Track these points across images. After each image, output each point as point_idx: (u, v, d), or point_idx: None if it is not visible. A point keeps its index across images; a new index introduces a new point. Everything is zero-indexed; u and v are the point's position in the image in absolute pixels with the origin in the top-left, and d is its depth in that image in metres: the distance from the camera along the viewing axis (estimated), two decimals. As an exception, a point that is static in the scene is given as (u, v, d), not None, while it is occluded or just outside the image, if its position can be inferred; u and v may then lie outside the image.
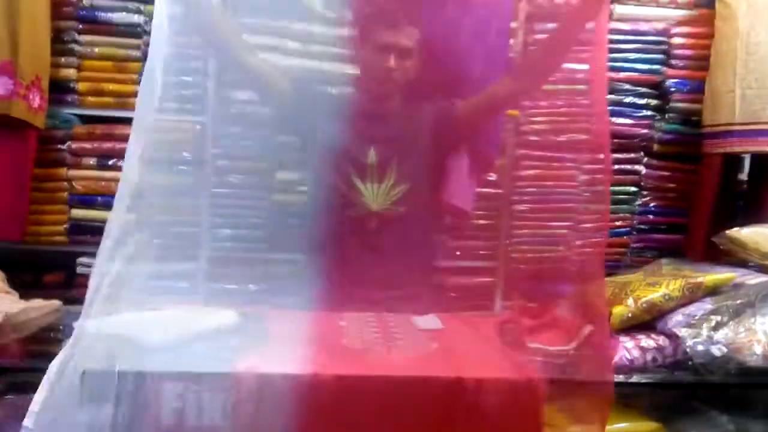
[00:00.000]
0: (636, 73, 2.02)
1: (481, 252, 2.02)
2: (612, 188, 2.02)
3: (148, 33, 1.87)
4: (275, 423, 1.10)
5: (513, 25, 1.81)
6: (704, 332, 1.18)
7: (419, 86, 1.47)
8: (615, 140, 2.01)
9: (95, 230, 1.84)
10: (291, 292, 1.58)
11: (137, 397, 1.11)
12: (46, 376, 1.07)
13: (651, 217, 2.04)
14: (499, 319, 1.52)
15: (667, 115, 2.03)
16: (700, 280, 1.29)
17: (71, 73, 1.86)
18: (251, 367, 1.09)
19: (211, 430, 1.11)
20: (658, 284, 1.30)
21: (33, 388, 1.10)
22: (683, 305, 1.27)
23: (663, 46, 2.00)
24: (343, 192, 1.45)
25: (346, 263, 1.52)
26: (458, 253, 1.98)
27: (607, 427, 1.17)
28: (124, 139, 1.87)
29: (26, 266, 1.81)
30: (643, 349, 1.22)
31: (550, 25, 1.84)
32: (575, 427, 1.18)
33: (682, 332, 1.19)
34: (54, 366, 1.07)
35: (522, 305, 1.62)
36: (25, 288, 1.56)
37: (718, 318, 1.21)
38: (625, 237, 2.04)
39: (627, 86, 2.02)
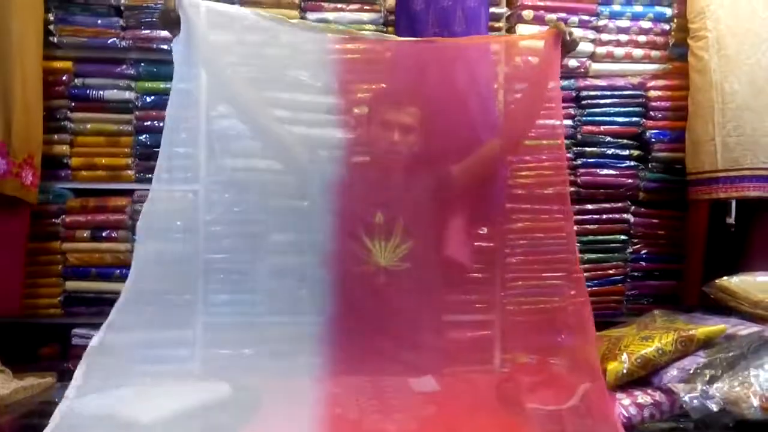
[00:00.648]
0: (616, 126, 2.07)
1: (478, 305, 2.01)
2: (603, 237, 2.05)
3: (140, 108, 1.96)
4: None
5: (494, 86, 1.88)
6: (699, 386, 1.18)
7: (419, 156, 1.61)
8: (602, 190, 2.05)
9: (90, 301, 1.85)
10: (288, 356, 1.58)
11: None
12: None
13: (644, 264, 2.05)
14: (497, 379, 1.53)
15: (650, 165, 2.07)
16: (692, 332, 1.30)
17: (64, 149, 1.90)
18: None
19: None
20: (651, 339, 1.31)
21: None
22: (677, 359, 1.27)
23: (640, 99, 2.06)
24: (352, 249, 1.57)
25: (353, 317, 1.55)
26: (457, 307, 1.99)
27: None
28: (117, 210, 1.94)
29: (21, 339, 1.80)
30: (640, 406, 1.21)
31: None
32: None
33: (678, 387, 1.19)
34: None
35: (519, 363, 1.62)
36: (20, 362, 1.56)
37: (712, 371, 1.21)
38: (619, 285, 2.04)
39: (608, 139, 2.07)
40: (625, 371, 1.26)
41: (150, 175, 1.58)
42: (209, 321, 1.89)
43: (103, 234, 1.89)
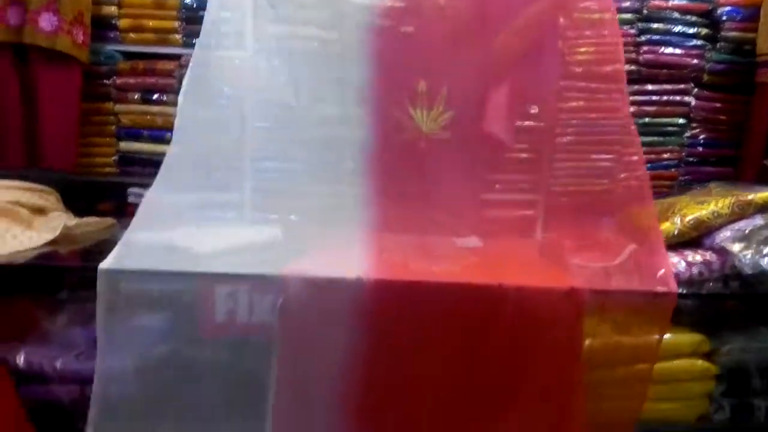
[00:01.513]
0: (686, 1, 1.93)
1: (521, 185, 1.99)
2: (660, 120, 1.96)
3: (186, -30, 1.92)
4: (320, 324, 1.13)
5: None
6: (753, 245, 1.16)
7: (466, 22, 1.57)
8: (664, 71, 1.94)
9: (143, 162, 1.89)
10: (334, 221, 1.62)
11: (187, 299, 1.16)
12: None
13: (700, 149, 1.96)
14: (541, 241, 1.53)
15: (718, 44, 1.94)
16: (750, 197, 1.26)
17: (112, 10, 1.88)
18: (298, 270, 1.13)
19: (259, 330, 1.16)
20: (707, 202, 1.27)
21: (91, 296, 1.16)
22: (732, 222, 1.24)
23: (714, -28, 1.91)
24: (395, 116, 1.58)
25: (396, 183, 1.56)
26: (498, 186, 1.98)
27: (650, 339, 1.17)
28: (166, 74, 1.95)
29: (80, 196, 1.88)
30: (689, 264, 1.20)
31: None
32: (625, 338, 1.18)
33: (731, 246, 1.17)
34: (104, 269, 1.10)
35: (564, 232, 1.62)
36: (79, 215, 1.64)
37: (769, 233, 1.18)
38: (673, 170, 1.97)
39: (676, 15, 1.93)
40: (676, 232, 1.24)
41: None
42: (257, 185, 1.94)
43: (153, 97, 1.91)
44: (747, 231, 1.19)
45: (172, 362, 1.16)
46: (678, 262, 1.20)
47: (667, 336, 1.19)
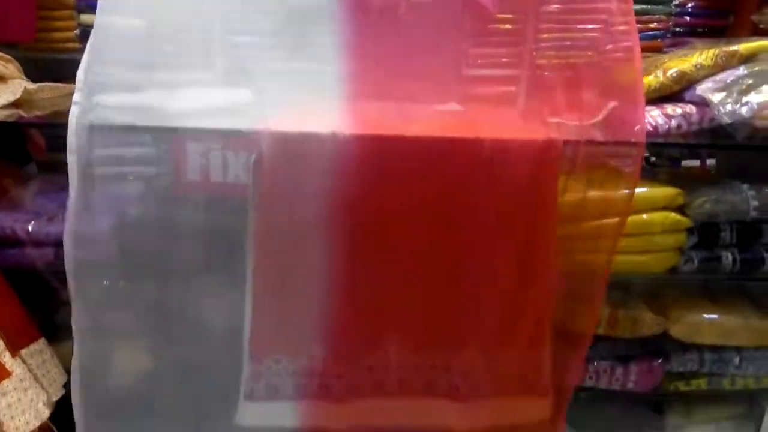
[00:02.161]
0: None
1: (504, 60, 1.93)
2: (646, -14, 1.89)
3: None
4: (295, 182, 1.12)
5: None
6: (734, 95, 1.14)
7: None
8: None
9: (106, 35, 1.80)
10: (309, 92, 1.56)
11: (161, 156, 1.13)
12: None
13: (688, 18, 1.91)
14: (522, 108, 1.50)
15: None
16: (734, 48, 1.22)
17: None
18: (272, 126, 1.09)
19: (234, 188, 1.15)
20: (690, 56, 1.24)
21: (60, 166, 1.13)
22: (715, 74, 1.21)
23: None
24: None
25: (373, 51, 1.49)
26: (480, 61, 1.92)
27: (626, 192, 1.17)
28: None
29: (41, 74, 1.79)
30: (668, 116, 1.19)
31: None
32: (593, 193, 1.19)
33: (711, 96, 1.15)
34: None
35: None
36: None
37: (751, 81, 1.16)
38: (658, 40, 1.92)
39: None
40: (658, 85, 1.22)
41: None
42: (228, 62, 1.86)
43: (113, -36, 1.78)
44: (729, 81, 1.17)
45: (148, 222, 1.15)
46: (657, 115, 1.19)
47: (642, 189, 1.21)
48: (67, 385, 1.22)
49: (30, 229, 1.16)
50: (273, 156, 1.09)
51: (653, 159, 1.87)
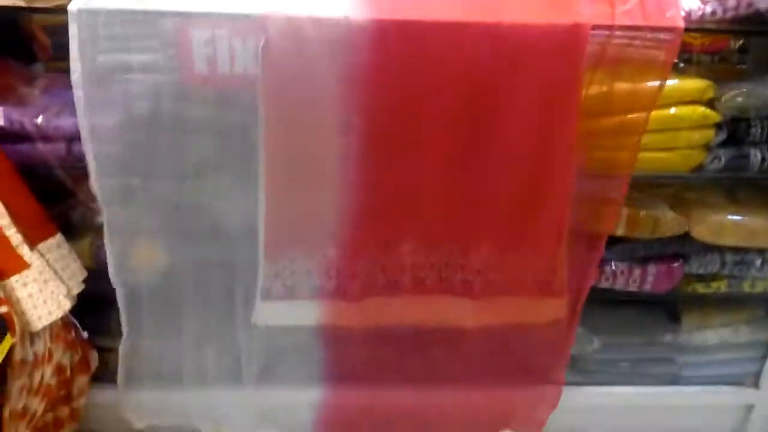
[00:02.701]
0: None
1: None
2: None
3: None
4: (305, 69, 1.07)
5: None
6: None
7: None
8: None
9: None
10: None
11: (167, 40, 1.09)
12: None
13: None
14: None
15: None
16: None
17: None
18: (281, 8, 1.04)
19: (243, 80, 1.11)
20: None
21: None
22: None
23: None
24: None
25: None
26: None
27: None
28: None
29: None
30: (703, 1, 1.11)
31: None
32: (624, 85, 1.13)
33: (752, -25, 1.07)
34: None
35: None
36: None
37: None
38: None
39: None
40: (694, -34, 1.13)
41: None
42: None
43: None
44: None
45: (156, 117, 1.13)
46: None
47: (670, 82, 1.14)
48: (86, 281, 1.24)
49: (39, 122, 1.14)
50: (282, 42, 1.04)
51: (681, 65, 1.77)
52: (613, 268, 1.31)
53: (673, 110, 1.17)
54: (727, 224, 1.28)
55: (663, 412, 1.51)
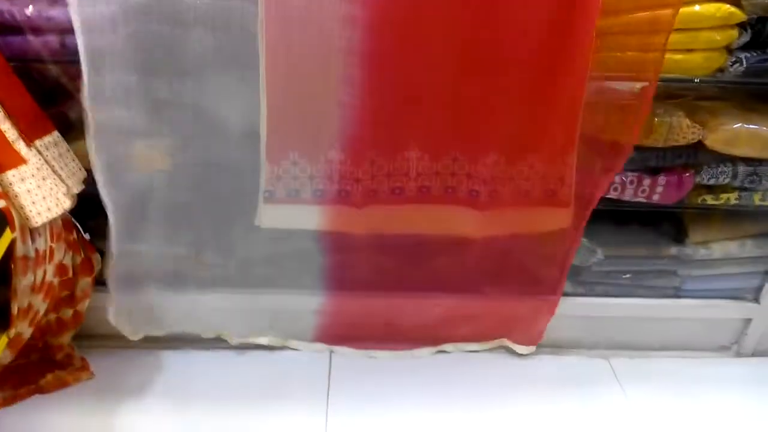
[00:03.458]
0: None
1: None
2: None
3: None
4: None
5: None
6: None
7: None
8: None
9: None
10: None
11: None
12: None
13: None
14: None
15: None
16: None
17: None
18: None
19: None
20: None
21: None
22: None
23: None
24: None
25: None
26: None
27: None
28: None
29: None
30: None
31: None
32: None
33: None
34: None
35: None
36: None
37: None
38: None
39: None
40: None
41: None
42: None
43: None
44: None
45: (153, 9, 1.07)
46: None
47: (696, 6, 1.08)
48: (86, 182, 1.22)
49: (29, 12, 1.08)
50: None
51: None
52: (623, 177, 1.28)
53: (697, 8, 1.11)
54: (743, 133, 1.24)
55: (661, 324, 1.52)
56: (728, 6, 1.11)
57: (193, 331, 1.46)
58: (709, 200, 1.33)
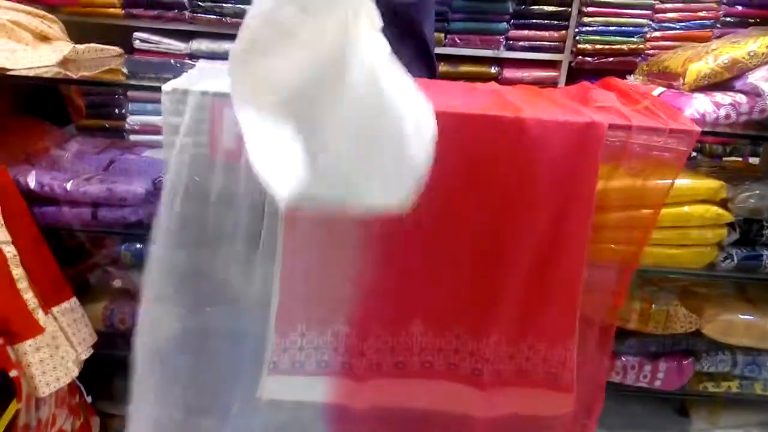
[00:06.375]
0: None
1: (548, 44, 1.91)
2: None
3: None
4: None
5: None
6: (789, 84, 1.09)
7: None
8: None
9: (150, 3, 1.81)
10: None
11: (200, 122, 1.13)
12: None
13: (740, 8, 1.84)
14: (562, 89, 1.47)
15: None
16: (792, 37, 1.17)
17: None
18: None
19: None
20: (743, 42, 1.19)
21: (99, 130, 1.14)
22: (769, 63, 1.17)
23: None
24: None
25: None
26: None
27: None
28: None
29: (81, 42, 1.81)
30: (717, 105, 1.14)
31: None
32: (631, 181, 1.16)
33: (763, 86, 1.11)
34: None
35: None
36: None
37: (808, 71, 1.11)
38: (707, 30, 1.86)
39: None
40: (708, 71, 1.17)
41: None
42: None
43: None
44: (783, 70, 1.12)
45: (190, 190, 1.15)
46: (705, 103, 1.15)
47: (684, 180, 1.17)
48: (95, 346, 1.24)
49: (68, 187, 1.17)
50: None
51: (694, 154, 1.82)
52: (624, 362, 1.30)
53: (686, 208, 1.19)
54: (739, 324, 1.27)
55: None
56: (716, 207, 1.19)
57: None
58: (711, 387, 1.33)
